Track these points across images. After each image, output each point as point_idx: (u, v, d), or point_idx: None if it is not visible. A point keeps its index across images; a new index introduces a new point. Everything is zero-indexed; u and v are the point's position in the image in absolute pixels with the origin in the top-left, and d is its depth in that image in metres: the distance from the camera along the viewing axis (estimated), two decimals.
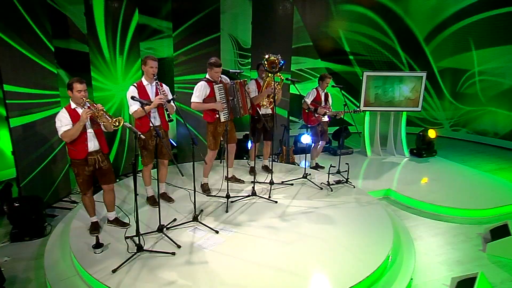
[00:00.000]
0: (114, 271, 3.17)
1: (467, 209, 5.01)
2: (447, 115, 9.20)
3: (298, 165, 6.42)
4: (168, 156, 4.37)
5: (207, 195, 4.75)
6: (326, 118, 5.94)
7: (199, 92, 4.41)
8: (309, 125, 5.94)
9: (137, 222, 3.45)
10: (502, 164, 7.29)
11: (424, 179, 6.14)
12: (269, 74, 4.95)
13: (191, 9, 6.05)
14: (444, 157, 7.42)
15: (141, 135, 3.21)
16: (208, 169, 4.85)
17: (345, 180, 5.31)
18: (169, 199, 4.56)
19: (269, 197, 4.69)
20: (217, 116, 4.52)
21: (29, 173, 4.58)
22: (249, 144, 5.89)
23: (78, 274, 3.38)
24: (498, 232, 4.26)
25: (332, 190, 5.04)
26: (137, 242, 3.43)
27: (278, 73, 5.01)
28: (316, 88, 5.94)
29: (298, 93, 5.48)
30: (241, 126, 7.18)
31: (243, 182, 5.20)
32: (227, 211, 4.31)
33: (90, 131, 3.52)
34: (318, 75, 9.11)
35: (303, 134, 6.11)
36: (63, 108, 3.50)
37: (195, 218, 3.98)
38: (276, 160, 6.57)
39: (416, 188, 5.60)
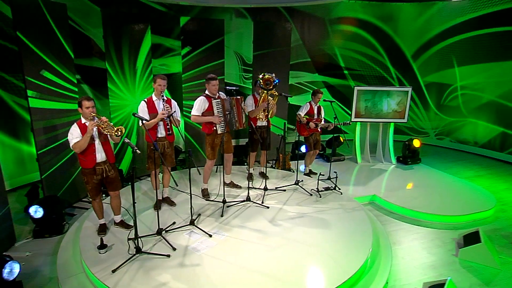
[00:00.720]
0: (113, 271, 3.11)
1: (444, 215, 4.79)
2: (432, 125, 8.88)
3: (293, 171, 6.26)
4: (169, 164, 4.32)
5: (206, 200, 4.67)
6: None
7: (199, 106, 4.33)
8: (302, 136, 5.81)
9: (135, 226, 3.39)
10: (480, 171, 7.00)
11: (409, 185, 5.92)
12: (265, 91, 4.85)
13: (199, 38, 6.01)
14: (428, 164, 7.15)
15: (137, 151, 3.14)
16: (207, 176, 4.75)
17: (333, 187, 5.14)
18: (171, 203, 4.49)
19: (262, 202, 4.57)
20: (215, 128, 4.43)
21: (52, 176, 4.59)
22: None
23: (84, 271, 3.34)
24: (470, 238, 4.05)
25: (320, 196, 4.88)
26: (136, 245, 3.37)
27: (273, 90, 4.92)
28: (310, 102, 5.78)
29: (294, 104, 5.36)
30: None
31: (240, 187, 5.10)
32: (222, 216, 4.20)
33: (97, 143, 3.48)
34: (316, 88, 9.05)
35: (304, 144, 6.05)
36: (75, 123, 3.46)
37: (191, 222, 3.89)
38: (273, 166, 6.46)
39: (399, 194, 5.35)
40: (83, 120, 3.46)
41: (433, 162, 7.39)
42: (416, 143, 6.86)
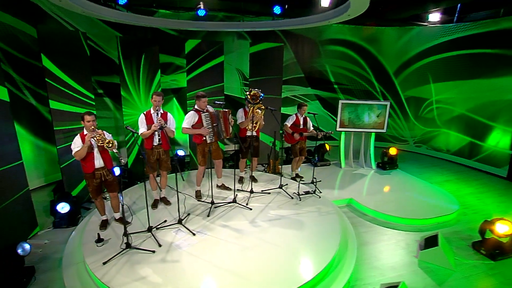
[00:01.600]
0: (104, 263, 3.06)
1: (410, 219, 4.51)
2: (411, 134, 8.47)
3: (282, 175, 6.08)
4: (164, 169, 4.25)
5: (198, 200, 4.57)
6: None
7: (189, 119, 4.23)
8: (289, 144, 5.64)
9: (124, 224, 3.32)
10: (450, 176, 6.60)
11: (386, 187, 5.63)
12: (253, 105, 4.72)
13: (201, 57, 5.94)
14: (405, 169, 6.81)
15: (122, 160, 3.08)
16: (200, 180, 4.63)
17: (313, 191, 4.93)
18: (167, 202, 4.42)
19: (247, 204, 4.43)
20: (204, 138, 4.33)
21: (71, 175, 4.61)
22: None
23: (84, 261, 3.30)
24: (430, 241, 3.77)
25: (300, 200, 4.68)
26: (126, 240, 3.31)
27: (259, 104, 4.78)
28: (296, 114, 5.60)
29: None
30: None
31: (230, 189, 4.97)
32: (208, 215, 4.08)
33: (96, 151, 3.44)
34: (309, 100, 8.83)
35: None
36: (78, 134, 3.45)
37: (179, 221, 3.80)
38: (265, 170, 6.29)
39: (374, 198, 5.07)
40: (85, 132, 3.44)
41: (410, 167, 7.04)
42: (392, 150, 6.54)
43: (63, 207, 4.17)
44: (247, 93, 4.69)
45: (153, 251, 3.26)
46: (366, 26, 8.05)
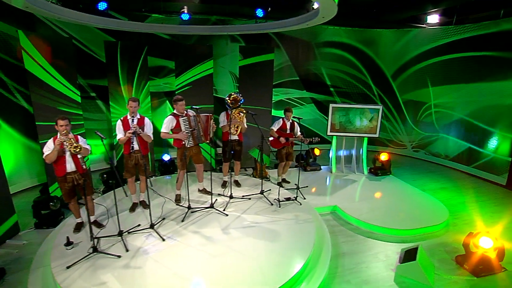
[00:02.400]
0: (68, 267, 3.05)
1: (395, 229, 4.30)
2: (410, 138, 8.15)
3: (269, 179, 5.97)
4: (143, 173, 4.23)
5: (176, 205, 4.53)
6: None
7: (167, 124, 4.20)
8: (275, 148, 5.53)
9: (90, 228, 3.31)
10: (446, 183, 6.29)
11: (373, 195, 5.43)
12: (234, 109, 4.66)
13: (191, 60, 5.89)
14: (400, 175, 6.56)
15: (84, 165, 3.07)
16: (180, 184, 4.57)
17: (294, 197, 4.79)
18: (145, 206, 4.39)
19: (224, 209, 4.35)
20: (183, 143, 4.29)
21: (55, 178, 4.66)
22: None
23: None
24: (410, 254, 3.56)
25: (280, 206, 4.55)
26: (93, 245, 3.29)
27: (240, 108, 4.72)
28: (283, 118, 5.48)
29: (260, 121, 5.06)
30: None
31: (211, 194, 4.90)
32: (183, 221, 4.02)
33: (68, 155, 3.44)
34: (304, 104, 8.67)
35: None
36: (52, 138, 3.47)
37: (151, 226, 3.76)
38: (252, 174, 6.19)
39: (358, 206, 4.89)
40: (58, 136, 3.45)
41: (405, 173, 6.78)
42: (384, 156, 6.31)
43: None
44: (227, 97, 4.63)
45: (119, 256, 3.23)
46: (362, 28, 7.83)
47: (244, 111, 4.81)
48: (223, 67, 7.64)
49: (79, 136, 3.59)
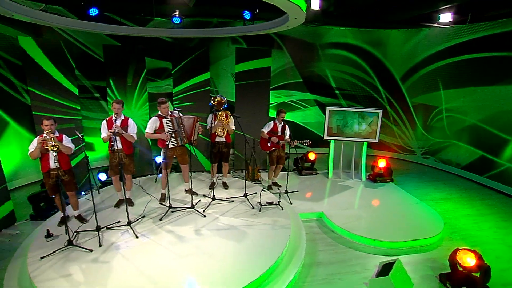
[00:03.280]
0: (42, 258, 3.24)
1: (379, 240, 4.10)
2: (419, 144, 7.72)
3: (260, 182, 5.95)
4: (127, 172, 4.40)
5: (160, 203, 4.65)
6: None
7: (150, 124, 4.35)
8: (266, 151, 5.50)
9: (65, 221, 3.49)
10: (452, 193, 5.89)
11: (365, 203, 5.21)
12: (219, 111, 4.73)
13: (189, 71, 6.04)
14: (402, 182, 6.25)
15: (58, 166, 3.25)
16: (164, 184, 4.70)
17: (277, 202, 4.73)
18: (130, 203, 4.57)
19: (204, 211, 4.40)
20: (167, 143, 4.40)
21: None
22: None
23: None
24: (387, 268, 3.37)
25: (260, 211, 4.51)
26: (68, 238, 3.48)
27: (225, 110, 4.77)
28: (274, 120, 5.45)
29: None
30: None
31: (196, 194, 4.99)
32: (161, 219, 4.13)
33: (51, 153, 3.67)
34: (308, 106, 8.53)
35: None
36: (37, 136, 3.72)
37: (129, 223, 3.89)
38: (243, 177, 6.18)
39: (346, 214, 4.71)
40: (44, 135, 3.70)
41: (409, 181, 6.45)
42: (382, 163, 6.03)
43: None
44: (212, 99, 4.68)
45: (91, 250, 3.39)
46: (370, 28, 7.56)
47: (230, 114, 4.84)
48: (225, 69, 7.74)
49: (64, 136, 3.82)
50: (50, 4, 5.25)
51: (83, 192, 5.12)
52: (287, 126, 5.51)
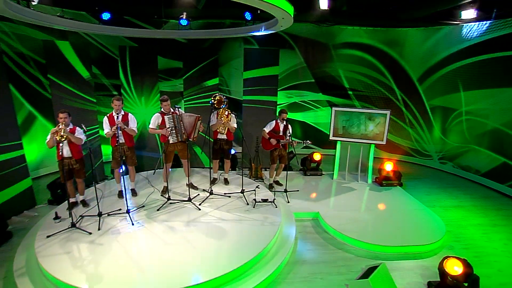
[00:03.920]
0: (48, 236, 3.64)
1: (371, 244, 4.02)
2: (436, 148, 7.32)
3: (263, 180, 6.04)
4: (131, 164, 4.74)
5: (161, 195, 4.92)
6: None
7: (153, 120, 4.64)
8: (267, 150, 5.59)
9: (69, 206, 3.87)
10: (466, 201, 5.56)
11: (369, 205, 5.11)
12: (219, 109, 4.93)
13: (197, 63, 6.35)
14: (412, 187, 6.03)
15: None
16: (165, 177, 4.96)
17: (272, 200, 4.80)
18: (134, 193, 4.90)
19: (200, 204, 4.60)
20: (168, 138, 4.67)
21: None
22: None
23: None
24: (371, 271, 3.32)
25: (254, 207, 4.61)
26: (72, 221, 3.85)
27: (226, 109, 4.95)
28: (276, 120, 5.53)
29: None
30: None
31: (197, 188, 5.21)
32: (158, 210, 4.40)
33: (65, 143, 4.07)
34: (320, 107, 8.45)
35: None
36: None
37: (127, 211, 4.16)
38: (246, 175, 6.30)
39: (341, 216, 4.65)
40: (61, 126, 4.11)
41: (420, 186, 6.20)
42: (388, 166, 5.84)
43: None
44: (212, 98, 4.87)
45: (90, 233, 3.73)
46: (386, 27, 7.33)
47: (229, 112, 5.01)
48: (237, 69, 7.93)
49: (77, 128, 4.22)
50: (73, 10, 5.82)
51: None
52: (289, 126, 5.55)
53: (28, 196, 4.89)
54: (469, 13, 6.29)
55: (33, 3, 3.88)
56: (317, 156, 6.42)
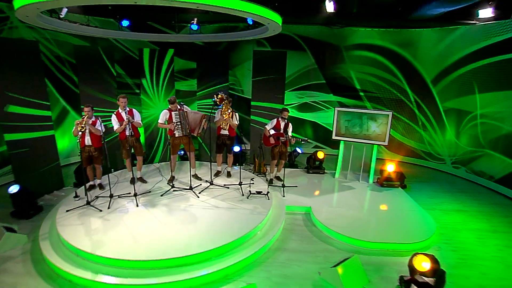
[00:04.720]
0: (67, 211, 4.32)
1: (352, 238, 4.16)
2: (449, 152, 7.07)
3: (265, 175, 6.36)
4: (139, 154, 5.35)
5: (167, 184, 5.42)
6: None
7: (162, 116, 5.18)
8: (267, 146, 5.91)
9: (85, 188, 4.53)
10: (472, 206, 5.44)
11: (361, 203, 5.22)
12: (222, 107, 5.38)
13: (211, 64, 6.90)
14: (417, 189, 5.99)
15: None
16: (172, 167, 5.50)
17: (266, 192, 5.11)
18: (143, 181, 5.50)
19: (199, 192, 5.06)
20: (174, 132, 5.20)
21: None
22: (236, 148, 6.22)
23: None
24: (343, 261, 3.51)
25: (248, 198, 4.96)
26: (87, 200, 4.51)
27: (229, 107, 5.37)
28: (277, 118, 5.83)
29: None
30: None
31: (200, 179, 5.68)
32: (162, 195, 4.92)
33: (87, 133, 4.75)
34: (331, 107, 8.54)
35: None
36: None
37: (135, 195, 4.71)
38: (250, 170, 6.65)
39: (332, 212, 4.84)
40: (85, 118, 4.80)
41: (426, 188, 6.15)
42: (390, 167, 5.84)
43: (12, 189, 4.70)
44: (214, 96, 5.30)
45: (100, 210, 4.36)
46: (399, 28, 7.27)
47: (231, 110, 5.42)
48: (250, 70, 8.32)
49: (98, 120, 4.88)
50: (102, 17, 6.62)
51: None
52: (290, 124, 5.82)
53: (57, 179, 5.73)
54: (487, 12, 6.07)
55: (61, 15, 4.60)
56: (320, 155, 6.60)
